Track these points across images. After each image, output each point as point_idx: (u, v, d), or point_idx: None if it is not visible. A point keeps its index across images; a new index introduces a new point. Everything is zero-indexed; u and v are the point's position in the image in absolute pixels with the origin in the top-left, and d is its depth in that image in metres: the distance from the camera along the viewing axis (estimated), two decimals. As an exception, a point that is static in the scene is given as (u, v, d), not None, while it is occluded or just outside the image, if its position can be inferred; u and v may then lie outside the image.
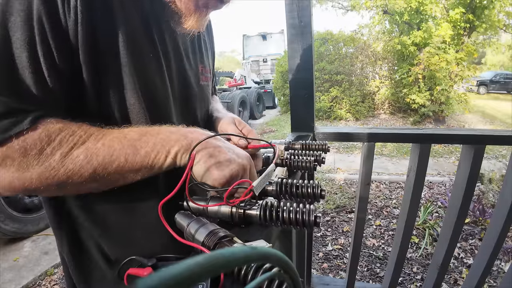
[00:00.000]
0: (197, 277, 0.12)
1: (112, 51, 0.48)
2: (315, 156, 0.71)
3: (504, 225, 1.14)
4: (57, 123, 0.43)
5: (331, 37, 10.05)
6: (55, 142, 0.42)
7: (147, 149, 0.46)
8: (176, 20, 0.57)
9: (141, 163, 0.46)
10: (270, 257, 0.17)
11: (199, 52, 0.73)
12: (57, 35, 0.43)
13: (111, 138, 0.46)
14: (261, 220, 0.45)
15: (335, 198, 3.46)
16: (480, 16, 8.35)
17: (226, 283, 0.34)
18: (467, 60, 8.47)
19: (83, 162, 0.43)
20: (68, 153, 0.43)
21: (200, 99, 0.71)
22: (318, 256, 2.45)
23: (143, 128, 0.49)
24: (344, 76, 9.55)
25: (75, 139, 0.44)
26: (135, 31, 0.51)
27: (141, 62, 0.52)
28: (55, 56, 0.43)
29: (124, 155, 0.45)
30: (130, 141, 0.46)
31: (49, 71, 0.43)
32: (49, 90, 0.44)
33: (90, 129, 0.46)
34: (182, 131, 0.49)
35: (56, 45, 0.43)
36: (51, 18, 0.42)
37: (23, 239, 2.76)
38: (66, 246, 0.58)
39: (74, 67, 0.46)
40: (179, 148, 0.47)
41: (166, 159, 0.47)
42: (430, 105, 8.30)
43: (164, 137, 0.47)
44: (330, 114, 9.31)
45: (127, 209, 0.58)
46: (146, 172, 0.48)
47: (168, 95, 0.59)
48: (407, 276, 2.16)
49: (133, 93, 0.51)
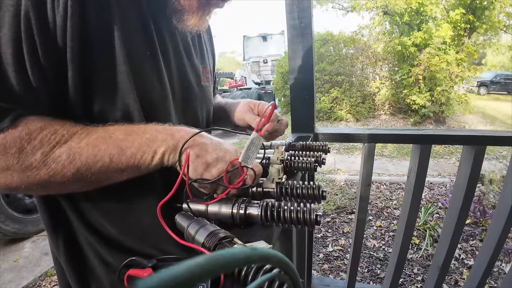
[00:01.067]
0: (197, 278, 0.12)
1: (106, 49, 0.47)
2: (315, 157, 0.71)
3: (504, 226, 1.13)
4: (39, 122, 0.42)
5: (332, 38, 10.06)
6: (36, 140, 0.41)
7: (133, 150, 0.45)
8: (178, 17, 0.55)
9: (126, 163, 0.45)
10: (270, 258, 0.17)
11: (200, 52, 0.72)
12: (43, 31, 0.41)
13: (96, 137, 0.45)
14: (262, 220, 0.45)
15: (335, 199, 3.46)
16: (480, 17, 8.35)
17: (226, 284, 0.34)
18: (467, 61, 8.46)
19: (66, 162, 0.42)
20: (50, 152, 0.42)
21: (201, 100, 0.70)
22: (319, 257, 2.44)
23: (129, 127, 0.47)
24: (344, 77, 9.55)
25: (57, 138, 0.42)
26: (131, 29, 0.50)
27: (138, 61, 0.51)
28: (40, 54, 0.41)
29: (109, 155, 0.44)
30: (115, 141, 0.45)
31: (33, 70, 0.41)
32: (32, 89, 0.42)
33: (73, 128, 0.45)
34: (168, 130, 0.48)
35: (41, 42, 0.41)
36: (38, 14, 0.40)
37: (23, 240, 2.76)
38: (63, 250, 0.57)
39: (60, 66, 0.44)
40: (166, 148, 0.46)
41: (152, 159, 0.46)
42: (431, 106, 8.30)
43: (150, 137, 0.46)
44: (330, 115, 9.31)
45: (123, 213, 0.57)
46: (132, 172, 0.47)
47: (166, 95, 0.57)
48: (408, 277, 2.15)
49: (128, 93, 0.49)
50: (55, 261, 0.61)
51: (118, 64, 0.48)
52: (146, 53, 0.52)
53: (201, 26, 0.56)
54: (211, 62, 0.79)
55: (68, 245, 0.57)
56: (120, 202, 0.56)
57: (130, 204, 0.56)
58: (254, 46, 15.45)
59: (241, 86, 11.20)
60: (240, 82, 11.48)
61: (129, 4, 0.50)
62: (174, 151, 0.47)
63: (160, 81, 0.55)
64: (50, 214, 0.56)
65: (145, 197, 0.56)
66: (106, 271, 0.56)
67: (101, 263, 0.56)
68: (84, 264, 0.57)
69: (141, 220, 0.57)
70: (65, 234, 0.56)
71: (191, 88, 0.66)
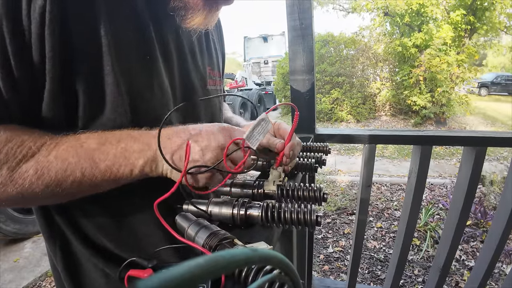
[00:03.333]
0: (197, 279, 0.12)
1: (91, 58, 0.42)
2: (316, 157, 0.71)
3: (505, 227, 1.13)
4: (4, 133, 0.38)
5: (332, 39, 10.07)
6: (1, 154, 0.37)
7: (107, 163, 0.41)
8: (182, 15, 0.50)
9: (101, 177, 0.41)
10: (271, 259, 0.17)
11: (207, 53, 0.66)
12: (16, 41, 0.37)
13: (65, 148, 0.40)
14: (263, 221, 0.45)
15: (336, 200, 3.45)
16: (481, 17, 8.36)
17: (227, 284, 0.34)
18: (468, 62, 8.46)
19: (33, 178, 0.38)
20: (16, 167, 0.38)
21: (206, 106, 0.64)
22: (319, 258, 2.44)
23: (102, 134, 0.43)
24: (345, 78, 9.56)
25: (23, 151, 0.38)
26: (123, 32, 0.45)
27: (132, 68, 0.46)
28: (13, 64, 0.38)
29: (80, 170, 0.40)
30: (87, 152, 0.41)
31: (4, 81, 0.38)
32: (3, 100, 0.38)
33: (41, 138, 0.40)
34: (144, 137, 0.44)
35: (14, 52, 0.38)
36: (11, 22, 0.37)
37: (24, 240, 2.76)
38: (60, 258, 0.54)
39: (37, 77, 0.40)
40: (145, 161, 0.42)
41: (131, 172, 0.42)
42: (431, 107, 8.29)
43: (125, 146, 0.42)
44: (331, 116, 9.31)
45: (118, 226, 0.53)
46: (109, 185, 0.44)
47: (166, 102, 0.52)
48: (409, 278, 2.15)
49: (118, 106, 0.44)
50: (52, 265, 0.59)
51: (105, 74, 0.43)
52: (145, 57, 0.48)
53: (208, 25, 0.52)
54: (220, 63, 0.73)
55: (65, 254, 0.54)
56: (115, 216, 0.53)
57: (125, 217, 0.53)
58: (255, 47, 15.47)
59: (242, 87, 11.20)
60: (240, 83, 11.48)
61: (119, 4, 0.45)
62: (154, 162, 0.43)
63: (161, 87, 0.51)
64: (47, 221, 0.54)
65: (141, 209, 0.53)
66: (106, 281, 0.54)
67: (98, 271, 0.54)
68: (80, 272, 0.55)
69: (137, 232, 0.54)
70: (62, 243, 0.54)
71: (195, 92, 0.60)
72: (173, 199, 0.43)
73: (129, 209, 0.53)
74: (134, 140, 0.43)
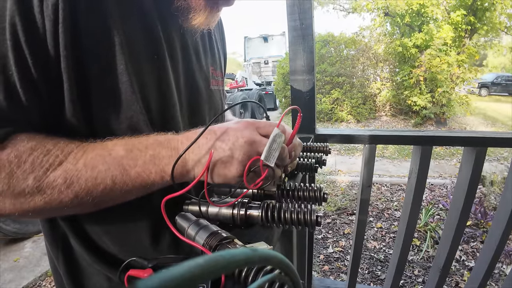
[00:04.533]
0: (197, 279, 0.12)
1: (105, 56, 0.42)
2: (316, 158, 0.71)
3: (505, 228, 1.13)
4: (29, 141, 0.37)
5: (333, 39, 10.07)
6: (27, 164, 0.36)
7: (137, 169, 0.41)
8: (184, 15, 0.50)
9: (132, 184, 0.41)
10: (271, 259, 0.17)
11: (210, 53, 0.66)
12: (32, 39, 0.36)
13: (93, 156, 0.40)
14: (263, 221, 0.45)
15: (336, 200, 3.45)
16: (481, 18, 8.36)
17: (227, 284, 0.34)
18: (468, 62, 8.46)
19: (62, 187, 0.37)
20: (43, 177, 0.37)
21: (210, 106, 0.64)
22: (319, 258, 2.44)
23: (129, 141, 0.42)
24: (345, 78, 9.56)
25: (50, 160, 0.37)
26: (135, 31, 0.45)
27: (143, 67, 0.46)
28: (30, 64, 0.37)
29: (111, 177, 0.40)
30: (116, 159, 0.40)
31: (22, 82, 0.37)
32: (21, 104, 0.37)
33: (68, 146, 0.40)
34: (172, 143, 0.43)
35: (30, 52, 0.36)
36: (25, 20, 0.36)
37: (24, 240, 2.76)
38: (63, 262, 0.54)
39: (54, 77, 0.39)
40: (175, 167, 0.42)
41: (162, 178, 0.42)
42: (432, 107, 8.29)
43: (154, 153, 0.42)
44: (331, 116, 9.31)
45: (124, 234, 0.53)
46: (141, 192, 0.43)
47: (174, 103, 0.52)
48: (409, 278, 2.15)
49: (132, 104, 0.45)
50: (53, 267, 0.58)
51: (119, 73, 0.43)
52: (153, 57, 0.48)
53: (209, 25, 0.52)
54: (222, 63, 0.74)
55: (68, 257, 0.54)
56: (120, 223, 0.52)
57: (131, 225, 0.53)
58: (255, 47, 15.50)
59: (242, 87, 11.20)
60: (241, 83, 11.48)
61: (129, 3, 0.45)
62: (184, 167, 0.43)
63: (169, 87, 0.51)
64: (50, 224, 0.53)
65: (145, 217, 0.53)
66: (109, 284, 0.54)
67: (101, 275, 0.54)
68: (83, 276, 0.55)
69: (143, 240, 0.53)
70: (65, 247, 0.53)
71: (199, 93, 0.61)
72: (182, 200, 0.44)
73: (135, 219, 0.53)
74: (161, 146, 0.43)
